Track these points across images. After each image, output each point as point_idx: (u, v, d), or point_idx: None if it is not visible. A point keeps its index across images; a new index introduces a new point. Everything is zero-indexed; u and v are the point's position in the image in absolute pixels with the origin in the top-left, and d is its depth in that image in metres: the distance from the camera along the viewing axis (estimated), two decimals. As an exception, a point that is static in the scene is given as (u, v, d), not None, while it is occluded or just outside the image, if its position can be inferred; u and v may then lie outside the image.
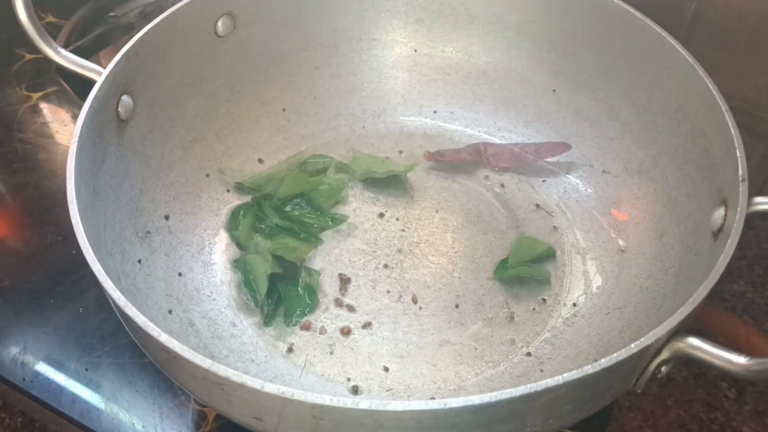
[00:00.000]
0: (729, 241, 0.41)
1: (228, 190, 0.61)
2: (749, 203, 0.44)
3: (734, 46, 0.72)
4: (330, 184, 0.61)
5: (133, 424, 0.49)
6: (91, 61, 0.54)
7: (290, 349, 0.51)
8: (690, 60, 0.53)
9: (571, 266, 0.57)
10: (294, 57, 0.66)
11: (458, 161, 0.63)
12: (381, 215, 0.61)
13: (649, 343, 0.37)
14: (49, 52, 0.54)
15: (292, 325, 0.53)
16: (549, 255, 0.57)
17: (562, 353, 0.51)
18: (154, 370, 0.49)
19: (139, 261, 0.51)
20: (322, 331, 0.53)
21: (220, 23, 0.60)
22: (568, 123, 0.64)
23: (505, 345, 0.52)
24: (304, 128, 0.66)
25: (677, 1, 0.73)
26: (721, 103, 0.49)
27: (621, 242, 0.57)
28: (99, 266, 0.40)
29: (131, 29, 0.80)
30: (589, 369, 0.35)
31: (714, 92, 0.50)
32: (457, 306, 0.54)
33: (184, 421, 0.49)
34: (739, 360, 0.37)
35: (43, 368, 0.52)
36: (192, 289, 0.54)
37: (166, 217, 0.56)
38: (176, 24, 0.56)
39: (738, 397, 0.51)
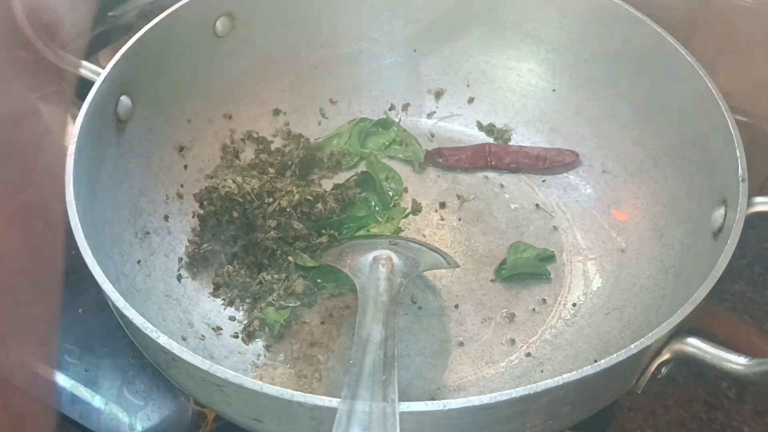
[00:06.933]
0: (729, 241, 0.41)
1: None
2: (749, 203, 0.44)
3: (734, 46, 0.72)
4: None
5: (133, 424, 0.49)
6: (90, 61, 0.54)
7: (291, 351, 0.51)
8: (690, 60, 0.53)
9: (571, 266, 0.57)
10: (294, 57, 0.66)
11: (458, 164, 0.63)
12: (381, 215, 0.60)
13: (649, 343, 0.37)
14: (47, 53, 0.54)
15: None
16: (547, 257, 0.57)
17: (562, 353, 0.51)
18: (154, 370, 0.49)
19: (139, 262, 0.51)
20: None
21: (219, 23, 0.60)
22: (568, 123, 0.64)
23: (505, 345, 0.52)
24: (304, 128, 0.65)
25: (677, 1, 0.73)
26: (721, 103, 0.49)
27: (621, 242, 0.57)
28: (98, 267, 0.40)
29: (130, 29, 0.79)
30: (588, 370, 0.35)
31: (714, 92, 0.50)
32: (456, 306, 0.54)
33: (184, 421, 0.49)
34: (740, 360, 0.37)
35: (43, 368, 0.51)
36: (191, 290, 0.54)
37: (166, 218, 0.56)
38: (175, 24, 0.56)
39: (738, 396, 0.51)
